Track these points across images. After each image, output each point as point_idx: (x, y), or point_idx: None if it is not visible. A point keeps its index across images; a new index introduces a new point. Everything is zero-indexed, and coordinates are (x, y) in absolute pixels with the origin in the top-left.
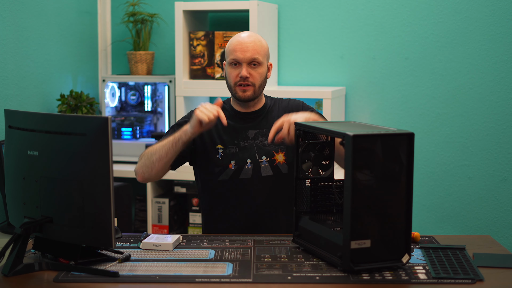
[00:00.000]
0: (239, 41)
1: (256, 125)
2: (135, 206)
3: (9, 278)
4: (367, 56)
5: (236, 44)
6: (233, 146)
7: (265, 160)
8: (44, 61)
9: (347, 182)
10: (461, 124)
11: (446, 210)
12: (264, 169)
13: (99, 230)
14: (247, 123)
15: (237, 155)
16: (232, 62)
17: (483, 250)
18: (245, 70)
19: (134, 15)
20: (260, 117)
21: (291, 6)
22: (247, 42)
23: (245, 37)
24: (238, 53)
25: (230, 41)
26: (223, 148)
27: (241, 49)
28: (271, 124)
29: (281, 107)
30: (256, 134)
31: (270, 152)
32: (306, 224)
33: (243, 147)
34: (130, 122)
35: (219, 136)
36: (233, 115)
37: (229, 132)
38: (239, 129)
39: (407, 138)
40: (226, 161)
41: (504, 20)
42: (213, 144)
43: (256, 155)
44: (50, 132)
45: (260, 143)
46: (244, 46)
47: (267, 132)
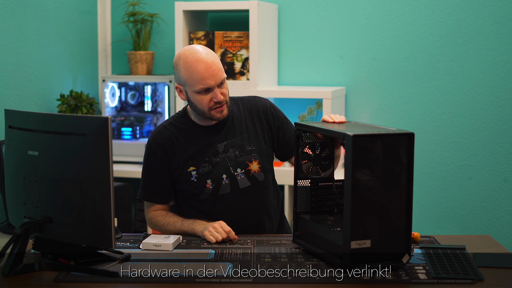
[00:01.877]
0: (203, 67)
1: (223, 137)
2: (135, 206)
3: (9, 278)
4: (367, 56)
5: (202, 71)
6: (205, 165)
7: (241, 172)
8: (44, 61)
9: (347, 182)
10: (461, 124)
11: (446, 210)
12: (241, 181)
13: (99, 230)
14: (214, 136)
15: (212, 173)
16: (201, 91)
17: (483, 250)
18: (219, 94)
19: (134, 15)
20: (225, 126)
21: (291, 6)
22: (212, 65)
23: (205, 58)
24: (208, 80)
25: (188, 67)
26: (196, 169)
27: (210, 75)
28: (238, 131)
29: (245, 107)
30: (225, 146)
31: (244, 163)
32: (306, 224)
33: (215, 163)
34: (130, 122)
35: (189, 157)
36: (196, 130)
37: (198, 150)
38: (208, 145)
39: (407, 138)
40: (202, 181)
41: (504, 20)
42: (185, 167)
43: (230, 169)
44: (50, 132)
45: (232, 155)
46: (211, 71)
47: (236, 142)
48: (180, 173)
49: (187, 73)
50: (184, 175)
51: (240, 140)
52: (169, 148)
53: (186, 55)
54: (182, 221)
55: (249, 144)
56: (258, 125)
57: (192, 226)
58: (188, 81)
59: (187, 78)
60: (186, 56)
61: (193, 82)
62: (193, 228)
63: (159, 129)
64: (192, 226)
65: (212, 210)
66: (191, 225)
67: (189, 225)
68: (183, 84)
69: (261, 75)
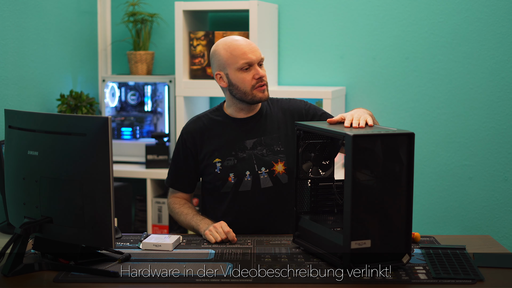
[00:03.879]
0: (243, 43)
1: (253, 134)
2: (135, 206)
3: (9, 278)
4: (367, 56)
5: (242, 47)
6: (231, 158)
7: (264, 172)
8: (44, 61)
9: (347, 182)
10: (461, 124)
11: (446, 210)
12: (263, 180)
13: (99, 230)
14: (244, 131)
15: (236, 167)
16: (243, 67)
17: (483, 250)
18: (260, 69)
19: (134, 15)
20: (257, 122)
21: (291, 6)
22: (251, 43)
23: (242, 38)
24: (250, 54)
25: (228, 46)
26: (221, 161)
27: (251, 50)
28: (269, 130)
29: (281, 107)
30: (254, 143)
31: (269, 162)
32: (306, 224)
33: (241, 158)
34: (130, 122)
35: (216, 148)
36: (229, 123)
37: (226, 143)
38: (236, 139)
39: (407, 138)
40: (225, 174)
41: (504, 20)
42: (211, 158)
43: (255, 166)
44: (50, 132)
45: (259, 153)
46: (252, 47)
47: (265, 140)
48: (206, 164)
49: (227, 53)
50: (209, 166)
51: (270, 139)
52: (198, 138)
53: (224, 40)
54: (193, 215)
55: (278, 144)
56: (290, 127)
57: (198, 223)
58: (229, 59)
59: (228, 57)
60: (224, 40)
61: (234, 59)
62: (198, 225)
63: (193, 119)
64: (198, 222)
65: (231, 206)
66: (198, 221)
67: (197, 221)
68: (224, 67)
69: None
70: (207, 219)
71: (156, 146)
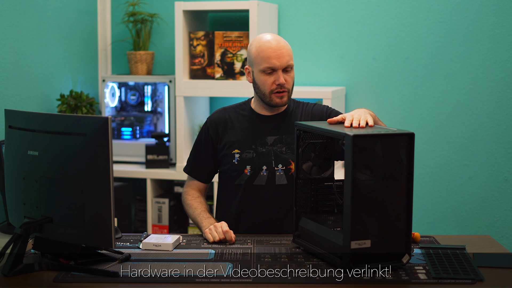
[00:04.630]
0: (273, 47)
1: (275, 131)
2: (135, 206)
3: (9, 278)
4: (367, 56)
5: (270, 51)
6: (250, 151)
7: (281, 169)
8: (44, 61)
9: (347, 182)
10: (461, 124)
11: (446, 210)
12: (279, 177)
13: (99, 230)
14: (267, 127)
15: (253, 160)
16: (266, 70)
17: (483, 250)
18: (282, 77)
19: (134, 15)
20: (281, 121)
21: (291, 6)
22: (281, 48)
23: (276, 41)
24: (274, 60)
25: (259, 46)
26: (240, 153)
27: (277, 56)
28: (291, 129)
29: (306, 110)
30: (275, 140)
31: (287, 160)
32: (306, 224)
33: (260, 152)
34: (130, 122)
35: (237, 140)
36: (253, 118)
37: (247, 136)
38: (258, 134)
39: (407, 138)
40: (242, 166)
41: (504, 20)
42: (230, 148)
43: (272, 162)
44: (50, 132)
45: (278, 150)
46: (279, 53)
47: (286, 139)
48: (224, 154)
49: (256, 52)
50: (228, 156)
51: (291, 138)
52: (221, 127)
53: (261, 37)
54: (201, 211)
55: None
56: None
57: (203, 220)
58: (256, 59)
59: (256, 56)
60: (260, 37)
61: (259, 60)
62: (202, 222)
63: (219, 110)
64: (203, 220)
65: (243, 200)
66: (203, 219)
67: (202, 218)
68: (252, 64)
69: None
70: (211, 218)
71: (156, 146)
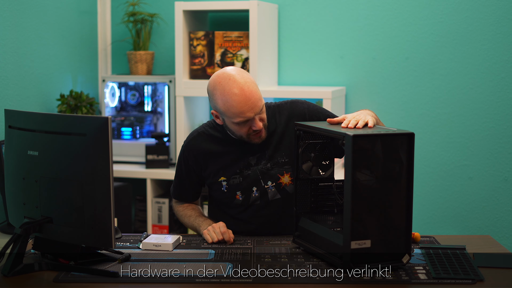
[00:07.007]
0: (242, 100)
1: (256, 149)
2: (135, 206)
3: (9, 278)
4: (367, 56)
5: (241, 105)
6: (236, 176)
7: (271, 185)
8: (44, 61)
9: (347, 182)
10: (461, 124)
11: (446, 210)
12: (271, 194)
13: (99, 230)
14: (247, 148)
15: (242, 185)
16: (240, 122)
17: (484, 250)
18: (258, 122)
19: (134, 15)
20: None
21: (291, 6)
22: (250, 97)
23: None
24: (248, 113)
25: (226, 100)
26: (227, 180)
27: (249, 108)
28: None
29: (282, 116)
30: (257, 158)
31: (275, 176)
32: (306, 224)
33: (246, 175)
34: (130, 122)
35: (220, 167)
36: (229, 140)
37: (230, 161)
38: (240, 156)
39: (407, 138)
40: (232, 193)
41: (504, 20)
42: (216, 177)
43: (261, 181)
44: (50, 132)
45: (263, 168)
46: (250, 103)
47: (269, 154)
48: (211, 182)
49: (225, 106)
50: (215, 184)
51: (273, 151)
52: (201, 158)
53: (223, 85)
54: (196, 216)
55: (282, 156)
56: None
57: (200, 224)
58: (226, 113)
59: (225, 110)
60: (223, 86)
61: (231, 115)
62: (200, 225)
63: (194, 135)
64: (200, 223)
65: (242, 215)
66: (200, 222)
67: (199, 222)
68: (221, 113)
69: (261, 75)
70: (208, 220)
71: (156, 146)
